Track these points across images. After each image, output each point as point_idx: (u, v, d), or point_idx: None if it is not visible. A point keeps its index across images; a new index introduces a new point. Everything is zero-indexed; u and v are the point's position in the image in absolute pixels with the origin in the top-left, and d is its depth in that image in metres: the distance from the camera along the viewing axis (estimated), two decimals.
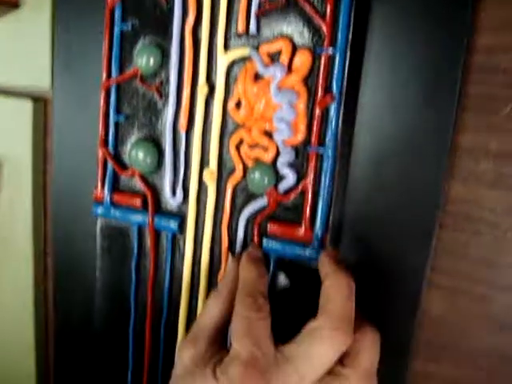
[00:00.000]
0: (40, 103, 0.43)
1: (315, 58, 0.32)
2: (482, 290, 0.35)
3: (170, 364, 0.37)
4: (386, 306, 0.35)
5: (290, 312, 0.35)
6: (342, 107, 0.31)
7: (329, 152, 0.32)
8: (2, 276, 0.48)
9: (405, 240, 0.33)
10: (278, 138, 0.33)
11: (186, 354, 0.31)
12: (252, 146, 0.34)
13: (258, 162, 0.34)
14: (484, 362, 0.36)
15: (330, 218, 0.33)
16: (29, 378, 0.50)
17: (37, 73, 0.42)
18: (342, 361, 0.29)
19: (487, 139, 0.33)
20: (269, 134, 0.33)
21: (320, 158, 0.33)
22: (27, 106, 0.43)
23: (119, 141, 0.38)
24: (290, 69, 0.32)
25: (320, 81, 0.32)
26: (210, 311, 0.32)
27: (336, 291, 0.29)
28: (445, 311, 0.36)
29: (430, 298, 0.36)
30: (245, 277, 0.32)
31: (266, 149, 0.33)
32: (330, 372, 0.28)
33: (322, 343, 0.27)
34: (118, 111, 0.37)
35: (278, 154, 0.33)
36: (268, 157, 0.33)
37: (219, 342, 0.32)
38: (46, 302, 0.48)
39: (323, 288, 0.30)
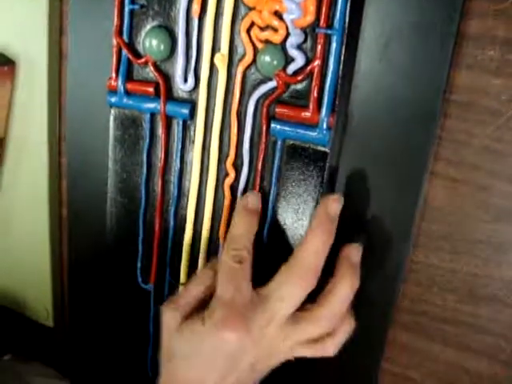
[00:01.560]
0: (56, 1, 0.44)
1: None
2: (484, 179, 0.35)
3: (179, 251, 0.39)
4: (389, 193, 0.36)
5: (294, 194, 0.37)
6: None
7: (337, 33, 0.33)
8: (18, 176, 0.49)
9: (410, 124, 0.34)
10: (287, 18, 0.33)
11: (170, 316, 0.35)
12: (262, 29, 0.34)
13: (267, 44, 0.35)
14: (481, 251, 0.37)
15: (337, 100, 0.34)
16: (44, 275, 0.52)
17: None
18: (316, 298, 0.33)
19: (494, 26, 0.33)
20: (279, 15, 0.34)
21: (328, 40, 0.34)
22: (43, 4, 0.43)
23: (134, 30, 0.38)
24: None
25: None
26: (194, 283, 0.36)
27: (311, 242, 0.33)
28: (446, 201, 0.37)
29: (432, 188, 0.37)
30: (233, 232, 0.35)
31: (275, 30, 0.34)
32: (301, 308, 0.33)
33: (290, 287, 0.32)
34: (132, 0, 0.38)
35: (287, 36, 0.34)
36: (278, 38, 0.34)
37: (203, 307, 0.35)
38: (61, 200, 0.50)
39: (306, 234, 0.33)
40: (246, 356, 0.33)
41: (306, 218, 0.36)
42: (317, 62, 0.34)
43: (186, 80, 0.38)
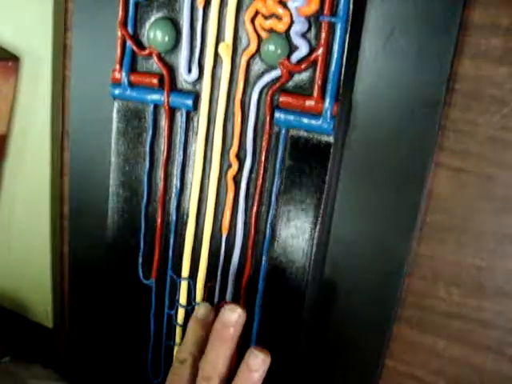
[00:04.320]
0: None
1: None
2: (489, 169, 0.35)
3: (181, 245, 0.39)
4: (392, 183, 0.36)
5: (298, 184, 0.36)
6: None
7: (341, 21, 0.33)
8: (20, 172, 0.49)
9: (414, 114, 0.34)
10: (292, 6, 0.34)
11: None
12: (266, 17, 0.35)
13: (272, 33, 0.35)
14: (487, 243, 0.36)
15: (341, 89, 0.34)
16: (44, 274, 0.51)
17: None
18: None
19: (498, 14, 0.33)
20: (283, 4, 0.34)
21: (332, 29, 0.34)
22: (48, 1, 0.44)
23: (138, 22, 0.39)
24: None
25: None
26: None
27: (209, 354, 0.37)
28: (450, 192, 0.36)
29: (436, 179, 0.37)
30: (184, 339, 0.40)
31: (280, 18, 0.34)
32: None
33: None
34: None
35: (291, 24, 0.34)
36: (282, 26, 0.34)
37: None
38: (62, 197, 0.49)
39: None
40: None
41: (311, 210, 0.36)
42: (321, 51, 0.34)
43: (189, 71, 0.38)
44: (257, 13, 0.35)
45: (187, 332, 0.40)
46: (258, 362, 0.35)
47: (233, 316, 0.37)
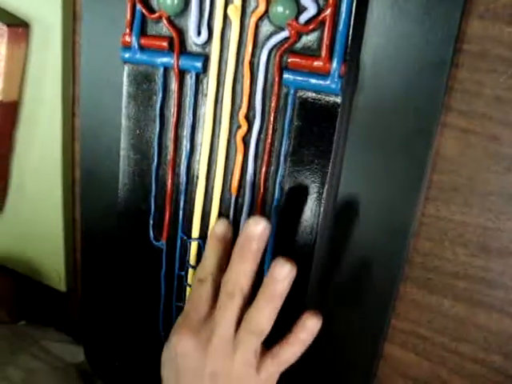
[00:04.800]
0: None
1: None
2: (496, 129, 0.35)
3: (191, 206, 0.40)
4: (399, 143, 0.36)
5: (307, 145, 0.37)
6: None
7: None
8: (32, 138, 0.50)
9: (421, 74, 0.35)
10: None
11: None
12: None
13: None
14: (493, 204, 0.37)
15: (349, 49, 0.34)
16: (56, 238, 0.52)
17: None
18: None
19: None
20: None
21: None
22: None
23: None
24: None
25: None
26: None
27: (231, 269, 0.36)
28: (457, 152, 0.37)
29: (443, 139, 0.37)
30: (203, 258, 0.40)
31: None
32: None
33: (222, 311, 0.36)
34: None
35: None
36: None
37: None
38: (73, 163, 0.50)
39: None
40: (199, 363, 0.37)
41: (320, 170, 0.36)
42: (329, 11, 0.34)
43: (199, 33, 0.38)
44: None
45: (206, 250, 0.39)
46: (284, 272, 0.34)
47: (257, 228, 0.35)
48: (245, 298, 0.36)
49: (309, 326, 0.36)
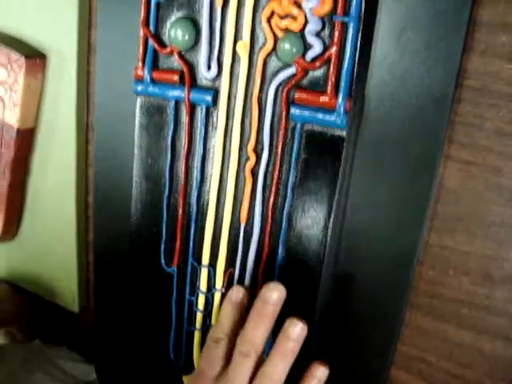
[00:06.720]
0: None
1: None
2: (497, 161, 0.36)
3: (201, 234, 0.41)
4: (404, 176, 0.37)
5: (313, 177, 0.38)
6: None
7: (353, 21, 0.34)
8: (48, 161, 0.51)
9: (424, 109, 0.36)
10: (306, 6, 0.35)
11: None
12: (282, 17, 0.36)
13: (287, 32, 0.36)
14: (495, 234, 0.38)
15: (354, 85, 0.36)
16: (70, 260, 0.54)
17: None
18: None
19: (505, 12, 0.34)
20: (298, 5, 0.35)
21: (345, 28, 0.35)
22: (73, 0, 0.46)
23: (159, 21, 0.40)
24: None
25: None
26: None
27: (247, 331, 0.38)
28: (460, 183, 0.38)
29: (446, 171, 0.38)
30: (218, 320, 0.41)
31: (295, 18, 0.36)
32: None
33: (235, 369, 0.38)
34: None
35: (305, 24, 0.36)
36: (297, 26, 0.36)
37: None
38: (87, 188, 0.52)
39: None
40: None
41: (325, 201, 0.38)
42: (334, 49, 0.35)
43: (209, 68, 0.39)
44: (273, 13, 0.36)
45: (222, 313, 0.41)
46: (297, 331, 0.37)
47: (274, 294, 0.38)
48: (259, 357, 0.38)
49: (317, 376, 0.39)
